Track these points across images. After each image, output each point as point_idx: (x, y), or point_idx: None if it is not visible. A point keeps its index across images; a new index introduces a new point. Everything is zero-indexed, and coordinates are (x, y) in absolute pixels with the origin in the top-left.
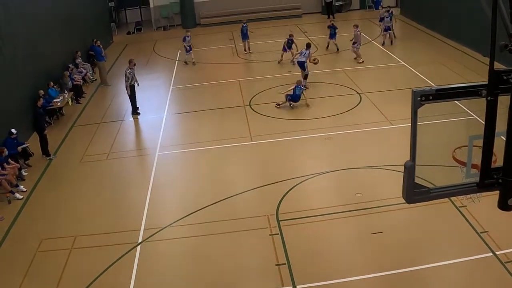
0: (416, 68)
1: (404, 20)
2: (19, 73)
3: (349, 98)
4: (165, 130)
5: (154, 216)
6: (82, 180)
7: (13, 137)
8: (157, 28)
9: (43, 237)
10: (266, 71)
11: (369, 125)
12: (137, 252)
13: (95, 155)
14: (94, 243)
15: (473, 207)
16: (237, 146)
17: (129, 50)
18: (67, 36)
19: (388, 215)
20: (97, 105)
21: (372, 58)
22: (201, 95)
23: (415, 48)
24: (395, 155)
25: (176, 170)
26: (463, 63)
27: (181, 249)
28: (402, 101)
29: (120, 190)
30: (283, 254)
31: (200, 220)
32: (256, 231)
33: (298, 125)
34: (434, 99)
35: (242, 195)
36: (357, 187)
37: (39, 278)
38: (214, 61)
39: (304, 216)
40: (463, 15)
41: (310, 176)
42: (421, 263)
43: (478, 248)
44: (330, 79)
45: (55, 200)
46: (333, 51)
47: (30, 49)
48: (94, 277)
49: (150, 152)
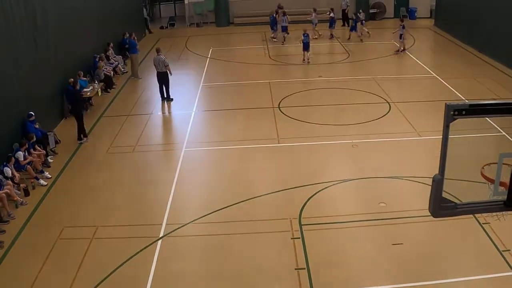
0: (448, 81)
1: (438, 32)
2: (51, 63)
3: (379, 107)
4: (192, 127)
5: (177, 212)
6: (107, 171)
7: (32, 119)
8: (190, 24)
9: (65, 225)
10: (296, 74)
11: (397, 135)
12: (157, 247)
13: (121, 147)
14: (115, 234)
15: (496, 224)
16: (264, 148)
17: (162, 44)
18: (100, 28)
19: (410, 226)
20: (126, 97)
21: (405, 68)
22: (231, 94)
23: (447, 61)
24: (421, 167)
25: (201, 167)
26: (496, 79)
27: (202, 247)
28: (431, 113)
29: (144, 183)
30: (303, 258)
31: (222, 219)
32: (277, 233)
33: (326, 130)
34: (467, 114)
35: (266, 197)
36: (381, 197)
37: (59, 265)
38: (246, 61)
39: (327, 222)
40: (499, 29)
41: (334, 182)
42: (439, 278)
43: (498, 266)
44: (360, 86)
45: (79, 189)
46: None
47: (63, 40)
48: (114, 268)
49: (177, 147)
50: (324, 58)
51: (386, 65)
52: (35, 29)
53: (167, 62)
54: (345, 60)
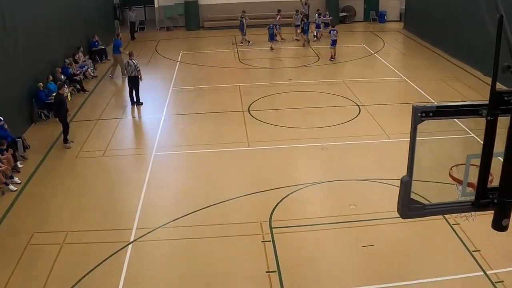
0: (418, 84)
1: (407, 35)
2: (19, 66)
3: (348, 110)
4: (162, 131)
5: (147, 216)
6: (77, 176)
7: (1, 124)
8: (161, 28)
9: (34, 231)
10: (266, 78)
11: (367, 137)
12: (128, 251)
13: (91, 151)
14: (85, 239)
15: (466, 225)
16: (234, 151)
17: (132, 48)
18: (70, 31)
19: (380, 228)
20: (96, 101)
21: (374, 71)
22: (201, 98)
23: (417, 64)
24: (391, 169)
25: (172, 171)
26: (465, 81)
27: (173, 251)
28: (401, 116)
29: (114, 188)
30: (274, 261)
31: (193, 223)
32: (248, 237)
33: (295, 133)
34: (434, 116)
35: (236, 200)
36: (351, 199)
37: (29, 271)
38: (215, 65)
39: (297, 224)
40: (467, 33)
41: (305, 185)
42: (409, 279)
43: (469, 266)
44: (330, 89)
45: (49, 194)
46: (334, 62)
47: (31, 43)
48: (84, 273)
49: (147, 151)
50: (295, 61)
51: (356, 68)
52: (2, 32)
53: (138, 67)
54: (315, 63)
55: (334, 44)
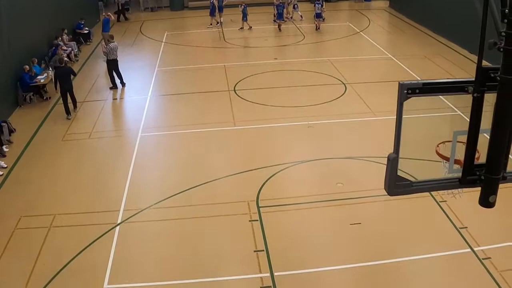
0: (403, 62)
1: (393, 13)
2: (3, 49)
3: (334, 88)
4: (148, 112)
5: (134, 198)
6: (63, 159)
7: None
8: (145, 9)
9: (22, 214)
10: (252, 57)
11: (353, 115)
12: (115, 233)
13: (77, 134)
14: (73, 222)
15: (453, 202)
16: (220, 131)
17: (115, 30)
18: (53, 13)
19: (368, 206)
20: (81, 84)
21: (360, 49)
22: (186, 78)
23: (402, 42)
24: (378, 147)
25: (158, 152)
26: (451, 59)
27: (160, 232)
28: (387, 94)
29: (101, 170)
30: (262, 240)
31: (180, 204)
32: (235, 216)
33: (282, 112)
34: (420, 93)
35: (223, 180)
36: (338, 177)
37: (17, 255)
38: (201, 45)
39: (284, 203)
40: (452, 10)
41: (291, 163)
42: (397, 256)
43: (456, 243)
44: (316, 68)
45: (36, 178)
46: (319, 41)
47: (15, 26)
48: (72, 256)
49: (133, 133)
50: (280, 40)
51: (341, 47)
52: None
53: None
54: (300, 42)
55: (319, 17)
